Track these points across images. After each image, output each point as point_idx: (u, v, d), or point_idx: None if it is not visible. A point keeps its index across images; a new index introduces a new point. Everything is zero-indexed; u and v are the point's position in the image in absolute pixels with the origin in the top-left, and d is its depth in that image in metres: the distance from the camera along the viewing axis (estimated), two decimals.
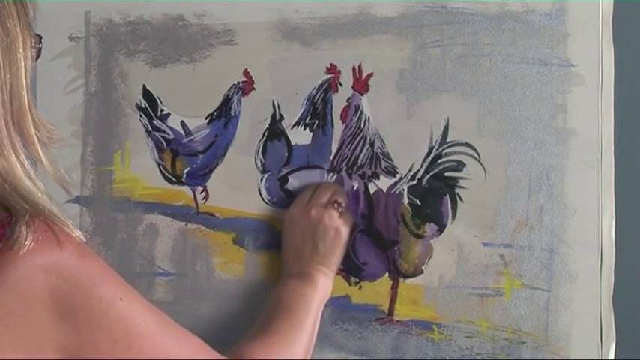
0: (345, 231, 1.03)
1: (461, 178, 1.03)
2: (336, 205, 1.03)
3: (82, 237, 0.80)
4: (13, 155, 0.79)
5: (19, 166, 0.79)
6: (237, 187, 1.12)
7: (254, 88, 1.11)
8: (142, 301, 0.83)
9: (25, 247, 0.75)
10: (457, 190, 1.03)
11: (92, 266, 0.79)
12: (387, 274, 1.06)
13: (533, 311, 1.00)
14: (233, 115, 1.12)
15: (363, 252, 1.07)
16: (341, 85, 1.07)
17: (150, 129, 1.16)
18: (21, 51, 0.80)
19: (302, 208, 1.04)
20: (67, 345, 0.77)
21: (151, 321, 0.82)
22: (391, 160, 1.06)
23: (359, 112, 1.07)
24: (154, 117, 1.16)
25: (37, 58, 0.85)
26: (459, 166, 1.03)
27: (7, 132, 0.78)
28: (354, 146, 1.07)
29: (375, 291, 1.06)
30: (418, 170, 1.05)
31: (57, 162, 0.84)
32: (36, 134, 0.81)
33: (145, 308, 0.83)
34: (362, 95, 1.06)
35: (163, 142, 1.15)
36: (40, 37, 0.86)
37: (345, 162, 1.07)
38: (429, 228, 1.04)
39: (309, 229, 1.03)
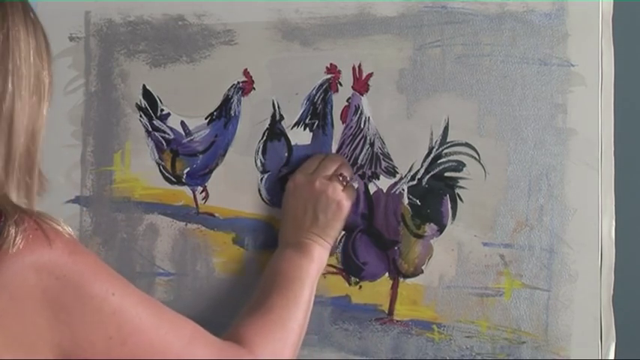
0: (347, 205, 1.02)
1: (461, 178, 1.03)
2: (340, 178, 1.03)
3: (72, 234, 0.81)
4: (15, 181, 0.81)
5: (15, 185, 0.81)
6: (237, 187, 1.12)
7: (254, 88, 1.11)
8: (135, 294, 0.83)
9: (15, 246, 0.75)
10: (457, 190, 1.03)
11: (83, 263, 0.79)
12: (387, 274, 1.06)
13: (533, 311, 1.00)
14: (233, 115, 1.12)
15: (363, 252, 1.07)
16: (341, 85, 1.07)
17: (150, 129, 1.16)
18: (46, 97, 0.84)
19: (306, 177, 1.04)
20: (62, 343, 0.77)
21: (144, 314, 0.82)
22: (391, 160, 1.06)
23: (359, 112, 1.07)
24: (154, 117, 1.16)
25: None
26: (459, 166, 1.03)
27: (19, 163, 0.82)
28: (354, 146, 1.07)
29: (375, 291, 1.06)
30: (418, 170, 1.05)
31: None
32: (35, 182, 0.84)
33: (137, 301, 0.83)
34: (362, 95, 1.06)
35: (163, 142, 1.15)
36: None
37: None
38: (429, 228, 1.04)
39: (311, 199, 1.02)
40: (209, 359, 0.86)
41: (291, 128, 1.10)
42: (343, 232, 1.07)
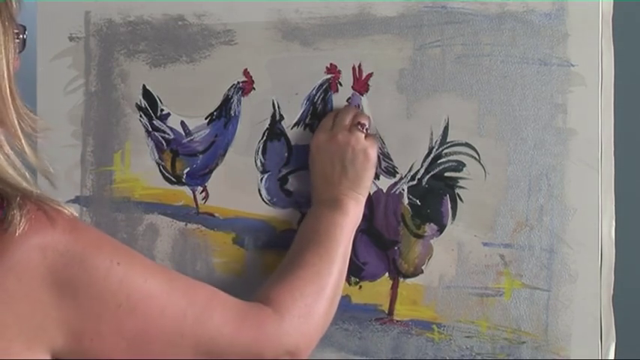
0: (373, 153, 1.02)
1: (461, 178, 1.03)
2: (360, 127, 1.02)
3: (74, 213, 0.81)
4: None
5: (2, 157, 0.79)
6: (237, 187, 1.12)
7: (254, 88, 1.11)
8: (143, 262, 0.83)
9: (20, 228, 0.75)
10: (457, 190, 1.03)
11: (85, 237, 0.79)
12: (387, 274, 1.06)
13: (533, 311, 1.00)
14: (233, 115, 1.12)
15: (363, 252, 1.07)
16: (341, 85, 1.07)
17: (150, 129, 1.16)
18: (1, 41, 0.80)
19: (327, 134, 1.03)
20: (70, 321, 0.77)
21: (153, 280, 0.82)
22: (391, 160, 1.06)
23: None
24: (154, 117, 1.16)
25: (21, 50, 0.85)
26: (459, 166, 1.03)
27: None
28: None
29: (375, 291, 1.06)
30: (418, 170, 1.05)
31: (40, 152, 0.84)
32: (19, 124, 0.81)
33: (146, 268, 0.82)
34: (362, 95, 1.06)
35: (163, 142, 1.15)
36: (24, 28, 0.86)
37: None
38: (429, 228, 1.04)
39: (337, 153, 1.01)
40: (229, 323, 0.85)
41: (291, 128, 1.10)
42: None
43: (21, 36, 0.85)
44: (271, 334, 0.88)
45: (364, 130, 1.02)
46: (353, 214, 1.01)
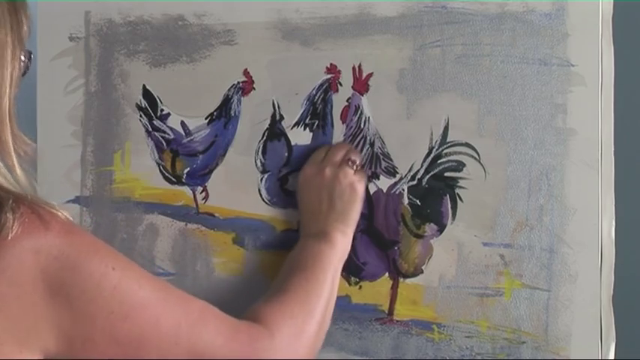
0: (360, 187, 1.02)
1: (461, 178, 1.03)
2: (350, 163, 1.03)
3: (68, 216, 0.80)
4: None
5: None
6: (237, 187, 1.12)
7: (254, 88, 1.11)
8: (137, 270, 0.83)
9: (13, 231, 0.75)
10: (457, 190, 1.03)
11: (80, 242, 0.79)
12: (387, 274, 1.06)
13: (533, 311, 1.00)
14: (233, 115, 1.12)
15: (363, 252, 1.07)
16: (341, 85, 1.07)
17: (150, 129, 1.16)
18: (9, 61, 0.80)
19: (316, 167, 1.04)
20: (63, 324, 0.77)
21: (148, 288, 0.81)
22: (391, 160, 1.06)
23: (359, 112, 1.07)
24: (154, 117, 1.16)
25: (23, 74, 0.85)
26: (459, 166, 1.03)
27: None
28: (354, 146, 1.07)
29: (375, 291, 1.06)
30: (418, 170, 1.05)
31: (30, 173, 0.84)
32: (13, 144, 0.82)
33: (140, 276, 0.82)
34: (362, 95, 1.06)
35: (163, 142, 1.15)
36: (30, 53, 0.86)
37: None
38: (429, 228, 1.04)
39: (324, 187, 1.02)
40: (222, 334, 0.85)
41: (291, 128, 1.10)
42: None
43: (25, 60, 0.85)
44: (263, 350, 0.87)
45: (354, 167, 1.03)
46: (340, 245, 1.01)
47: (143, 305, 0.80)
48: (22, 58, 0.84)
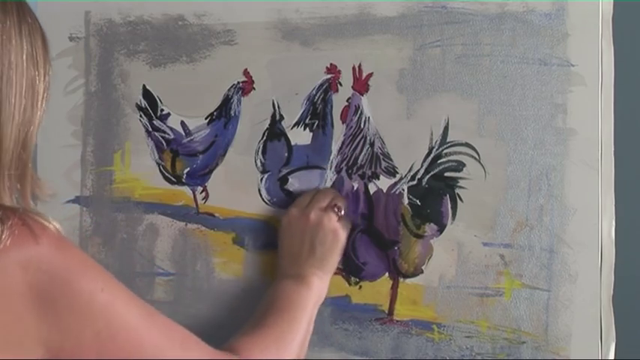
0: (343, 235, 1.03)
1: (461, 178, 1.03)
2: (335, 209, 1.03)
3: (59, 229, 0.80)
4: (5, 187, 0.80)
5: (5, 193, 0.79)
6: (237, 187, 1.12)
7: (254, 88, 1.11)
8: (125, 293, 0.82)
9: (1, 243, 0.74)
10: (457, 190, 1.03)
11: (70, 258, 0.79)
12: (387, 274, 1.06)
13: (533, 311, 1.00)
14: (233, 115, 1.12)
15: (363, 252, 1.07)
16: (341, 85, 1.07)
17: (150, 129, 1.16)
18: (39, 104, 0.82)
19: (301, 211, 1.04)
20: (49, 339, 0.77)
21: (135, 312, 0.81)
22: (391, 160, 1.06)
23: (359, 112, 1.07)
24: (154, 117, 1.16)
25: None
26: (459, 166, 1.03)
27: (9, 168, 0.80)
28: (354, 146, 1.07)
29: (375, 291, 1.06)
30: (418, 170, 1.05)
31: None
32: (31, 189, 0.83)
33: (128, 299, 0.82)
34: (362, 95, 1.06)
35: (163, 142, 1.15)
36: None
37: (345, 162, 1.07)
38: (429, 228, 1.04)
39: (307, 231, 1.02)
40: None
41: (291, 128, 1.10)
42: None
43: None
44: None
45: (339, 213, 1.03)
46: (316, 289, 1.01)
47: (129, 329, 0.80)
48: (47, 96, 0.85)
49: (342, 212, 1.04)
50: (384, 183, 1.06)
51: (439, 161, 1.04)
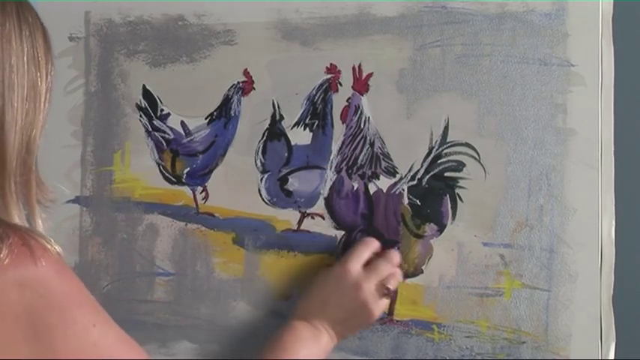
0: (375, 318, 1.00)
1: (461, 178, 1.03)
2: (385, 291, 1.00)
3: (60, 253, 0.79)
4: (10, 196, 0.79)
5: (11, 202, 0.79)
6: (237, 187, 1.12)
7: (254, 88, 1.11)
8: (115, 330, 0.82)
9: (0, 262, 0.73)
10: (457, 190, 1.03)
11: (69, 285, 0.78)
12: None
13: (533, 311, 1.00)
14: (233, 115, 1.12)
15: None
16: (341, 85, 1.07)
17: (150, 129, 1.16)
18: (42, 106, 0.81)
19: (357, 276, 0.99)
20: None
21: (122, 351, 0.81)
22: (391, 160, 1.06)
23: (359, 112, 1.07)
24: (154, 117, 1.16)
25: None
26: (459, 166, 1.03)
27: (14, 174, 0.79)
28: (354, 146, 1.07)
29: None
30: (418, 170, 1.05)
31: (45, 220, 0.83)
32: (36, 193, 0.82)
33: (117, 337, 0.82)
34: (362, 95, 1.06)
35: (163, 142, 1.15)
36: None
37: (345, 162, 1.07)
38: (429, 228, 1.04)
39: (352, 300, 0.99)
40: None
41: (291, 128, 1.10)
42: (343, 232, 1.07)
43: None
44: None
45: (387, 295, 1.00)
46: (325, 347, 0.99)
47: None
48: (49, 97, 0.84)
49: (389, 295, 1.01)
50: (384, 183, 1.06)
51: (439, 161, 1.04)
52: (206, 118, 1.13)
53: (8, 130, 0.78)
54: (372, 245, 1.03)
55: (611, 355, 0.98)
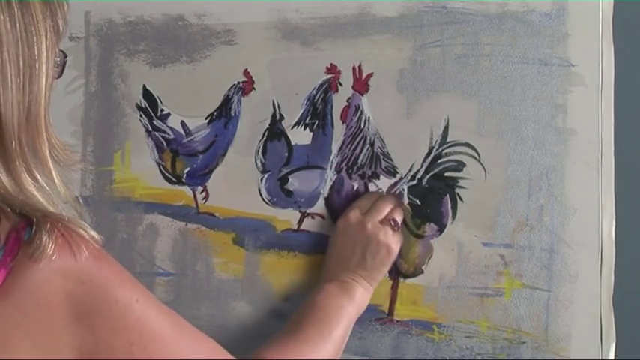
0: (395, 250, 1.02)
1: (461, 178, 1.03)
2: (392, 223, 1.02)
3: (98, 239, 0.80)
4: (25, 173, 0.78)
5: (30, 181, 0.78)
6: (237, 187, 1.12)
7: (254, 88, 1.11)
8: (157, 303, 0.83)
9: (46, 252, 0.75)
10: (457, 190, 1.03)
11: (108, 269, 0.79)
12: (387, 274, 1.06)
13: (533, 311, 1.00)
14: (233, 115, 1.12)
15: None
16: (341, 85, 1.07)
17: (150, 129, 1.16)
18: (44, 69, 0.79)
19: (359, 217, 1.02)
20: (83, 347, 0.77)
21: (166, 323, 0.82)
22: (391, 160, 1.06)
23: (359, 112, 1.07)
24: (154, 117, 1.16)
25: (59, 76, 0.84)
26: (459, 166, 1.03)
27: (20, 150, 0.78)
28: (354, 146, 1.07)
29: (375, 291, 1.06)
30: (418, 170, 1.05)
31: (70, 184, 0.84)
32: (51, 155, 0.81)
33: (160, 310, 0.83)
34: (362, 95, 1.06)
35: (163, 142, 1.15)
36: (65, 55, 0.85)
37: (345, 162, 1.08)
38: (429, 228, 1.04)
39: (362, 241, 1.01)
40: None
41: (291, 128, 1.10)
42: None
43: (63, 61, 0.84)
44: None
45: (395, 228, 1.02)
46: (360, 300, 1.01)
47: (160, 339, 0.81)
48: (57, 60, 0.82)
49: (399, 227, 1.03)
50: (384, 183, 1.06)
51: (439, 161, 1.04)
52: (206, 118, 1.13)
53: (4, 109, 0.76)
54: (371, 195, 1.04)
55: (611, 355, 0.98)
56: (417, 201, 1.05)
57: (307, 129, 1.09)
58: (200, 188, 1.14)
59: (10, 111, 0.77)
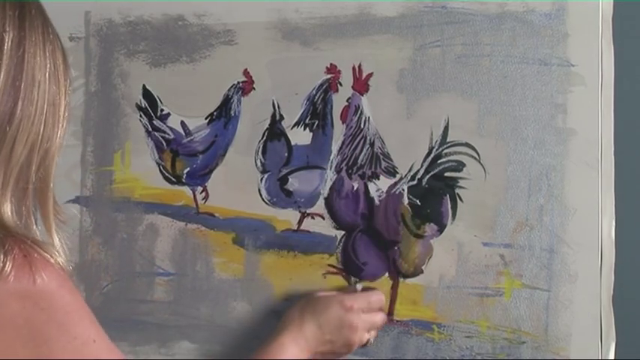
0: (353, 347, 1.00)
1: (461, 178, 1.03)
2: (368, 336, 1.01)
3: (63, 265, 0.79)
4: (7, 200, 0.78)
5: (1, 198, 0.78)
6: (237, 187, 1.12)
7: (254, 88, 1.11)
8: (111, 347, 0.82)
9: (2, 273, 0.73)
10: (457, 190, 1.03)
11: (69, 300, 0.78)
12: (387, 274, 1.06)
13: (533, 311, 1.00)
14: (233, 115, 1.12)
15: (363, 252, 1.07)
16: (341, 85, 1.07)
17: (150, 129, 1.16)
18: (61, 119, 0.81)
19: (353, 310, 1.00)
20: None
21: None
22: (391, 160, 1.06)
23: (359, 112, 1.07)
24: (154, 117, 1.16)
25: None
26: (459, 166, 1.03)
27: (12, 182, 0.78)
28: (354, 146, 1.07)
29: None
30: (418, 170, 1.05)
31: (62, 238, 0.83)
32: (54, 209, 0.82)
33: (110, 351, 0.82)
34: (362, 95, 1.06)
35: (163, 142, 1.15)
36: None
37: (345, 162, 1.08)
38: (429, 228, 1.04)
39: (341, 327, 0.99)
40: None
41: (291, 128, 1.10)
42: (343, 232, 1.07)
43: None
44: None
45: (369, 342, 1.01)
46: (298, 354, 0.99)
47: None
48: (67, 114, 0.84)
49: (370, 341, 1.02)
50: (384, 183, 1.06)
51: (439, 161, 1.04)
52: (206, 118, 1.13)
53: (18, 141, 0.77)
54: (367, 297, 1.03)
55: (611, 355, 0.98)
56: (417, 201, 1.05)
57: (307, 129, 1.09)
58: (200, 188, 1.14)
59: (22, 144, 0.78)
